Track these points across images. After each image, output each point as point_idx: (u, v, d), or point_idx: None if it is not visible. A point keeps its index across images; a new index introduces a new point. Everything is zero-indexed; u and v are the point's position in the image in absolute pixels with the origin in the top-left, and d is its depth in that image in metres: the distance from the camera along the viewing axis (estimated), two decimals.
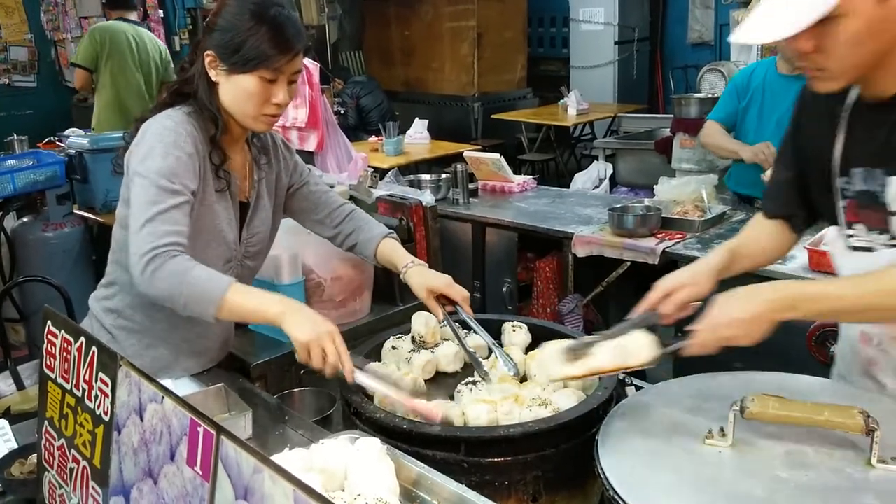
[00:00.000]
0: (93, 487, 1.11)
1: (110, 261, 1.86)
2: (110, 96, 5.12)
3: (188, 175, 1.65)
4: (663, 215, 3.11)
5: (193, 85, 1.72)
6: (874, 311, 1.36)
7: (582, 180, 5.78)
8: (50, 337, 1.22)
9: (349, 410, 1.64)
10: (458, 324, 1.95)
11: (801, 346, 2.43)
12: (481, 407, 1.54)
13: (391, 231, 2.06)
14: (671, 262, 2.86)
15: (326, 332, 1.56)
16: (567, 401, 1.60)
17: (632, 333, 1.49)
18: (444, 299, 1.88)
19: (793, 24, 1.27)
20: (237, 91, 1.69)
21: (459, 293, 1.88)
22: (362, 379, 1.58)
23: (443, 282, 1.87)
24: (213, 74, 1.70)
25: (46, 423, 1.23)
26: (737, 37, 1.35)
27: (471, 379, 1.72)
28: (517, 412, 1.56)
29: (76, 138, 4.51)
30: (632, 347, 1.46)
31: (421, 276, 1.89)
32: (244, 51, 1.64)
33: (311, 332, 1.54)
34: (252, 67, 1.65)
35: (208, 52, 1.69)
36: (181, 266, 1.55)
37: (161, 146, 1.64)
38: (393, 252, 1.99)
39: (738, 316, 1.32)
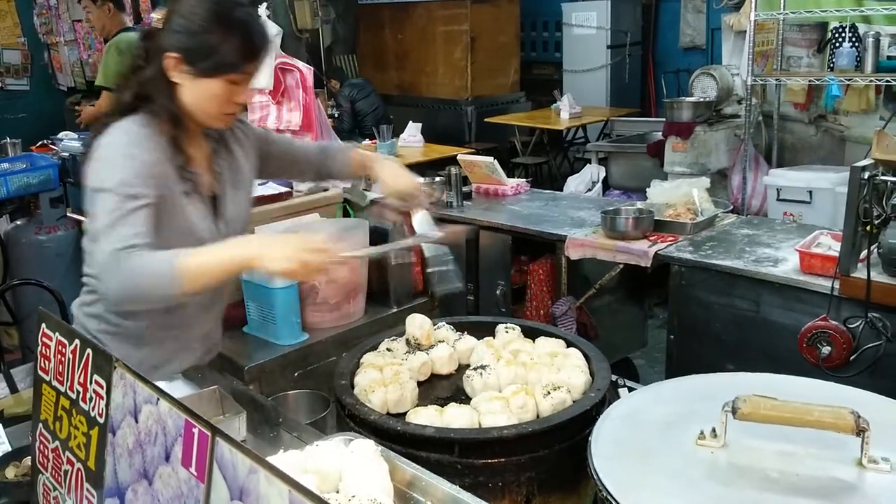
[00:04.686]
0: (87, 489, 1.11)
1: (86, 270, 1.82)
2: None
3: (146, 181, 1.61)
4: (655, 218, 3.12)
5: (152, 86, 1.68)
6: None
7: (575, 183, 5.79)
8: (44, 339, 1.22)
9: (343, 413, 1.65)
10: (451, 327, 1.96)
11: (792, 348, 2.44)
12: (495, 404, 1.58)
13: (353, 146, 2.09)
14: (663, 265, 2.88)
15: (298, 252, 1.51)
16: (578, 379, 1.63)
17: None
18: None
19: None
20: (201, 93, 1.67)
21: (418, 203, 1.89)
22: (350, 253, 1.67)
23: (410, 188, 1.89)
24: (173, 75, 1.66)
25: (41, 425, 1.23)
26: None
27: (479, 364, 1.75)
28: (532, 404, 1.59)
29: (69, 141, 4.49)
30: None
31: (389, 181, 1.92)
32: (215, 57, 1.62)
33: (289, 261, 1.51)
34: (222, 73, 1.64)
35: (171, 55, 1.64)
36: (132, 259, 1.51)
37: (115, 157, 1.60)
38: (362, 162, 2.02)
39: None
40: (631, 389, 1.81)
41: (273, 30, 3.19)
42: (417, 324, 1.90)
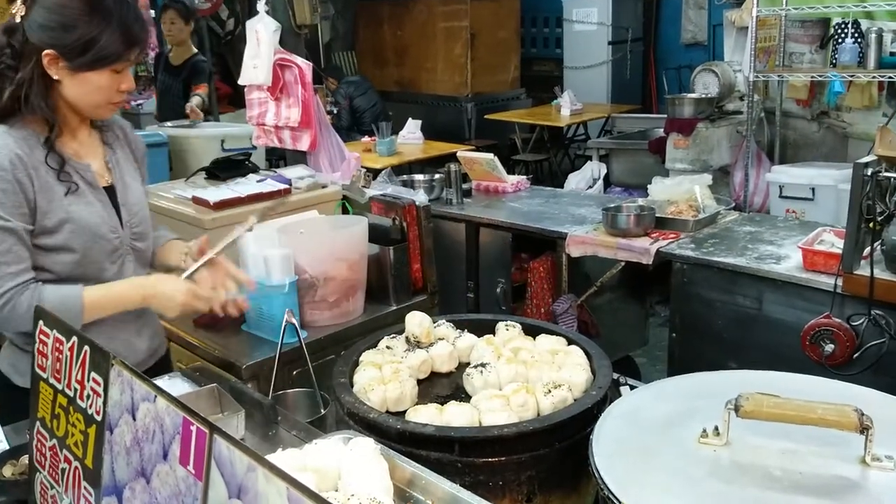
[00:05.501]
0: (85, 488, 1.10)
1: None
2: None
3: (7, 202, 1.57)
4: (657, 215, 3.11)
5: (29, 86, 1.59)
6: None
7: (576, 180, 5.79)
8: (42, 336, 1.21)
9: (342, 411, 1.64)
10: (451, 324, 1.95)
11: (794, 346, 2.43)
12: (495, 402, 1.56)
13: (177, 236, 2.03)
14: (665, 262, 2.87)
15: (185, 298, 1.69)
16: (579, 377, 1.62)
17: None
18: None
19: None
20: (85, 87, 1.61)
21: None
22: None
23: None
24: (52, 72, 1.59)
25: (38, 423, 1.22)
26: None
27: (479, 362, 1.74)
28: (532, 402, 1.57)
29: None
30: None
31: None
32: (95, 51, 1.56)
33: (179, 305, 1.70)
34: (105, 65, 1.59)
35: (47, 52, 1.56)
36: (34, 294, 1.58)
37: None
38: (171, 250, 1.95)
39: None
40: (632, 387, 1.80)
41: (272, 26, 3.18)
42: (417, 321, 1.89)
